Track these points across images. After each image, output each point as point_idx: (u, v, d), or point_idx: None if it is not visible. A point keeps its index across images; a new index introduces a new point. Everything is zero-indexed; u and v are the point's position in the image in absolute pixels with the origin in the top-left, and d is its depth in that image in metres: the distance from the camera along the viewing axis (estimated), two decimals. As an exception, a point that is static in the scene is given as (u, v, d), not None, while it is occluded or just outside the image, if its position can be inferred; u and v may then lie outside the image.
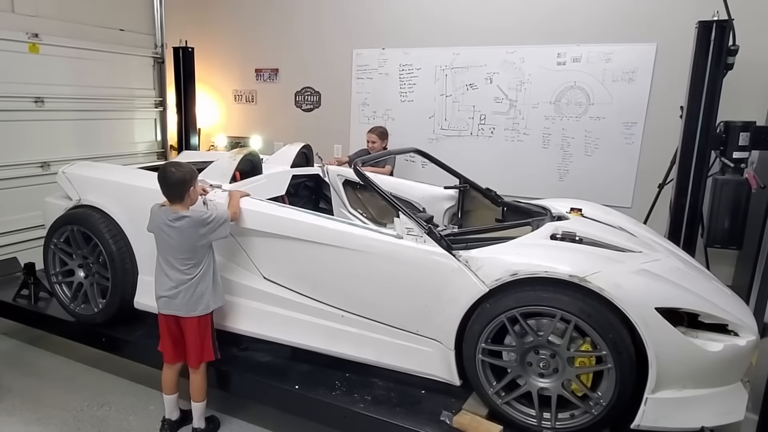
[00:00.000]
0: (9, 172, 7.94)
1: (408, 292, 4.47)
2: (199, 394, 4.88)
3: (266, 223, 4.93)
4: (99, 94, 9.23)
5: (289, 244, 4.86)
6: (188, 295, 4.57)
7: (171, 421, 5.03)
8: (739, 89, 6.87)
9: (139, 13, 10.16)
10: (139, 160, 9.80)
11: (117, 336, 5.69)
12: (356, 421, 4.46)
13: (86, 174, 5.95)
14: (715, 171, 6.36)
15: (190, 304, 4.59)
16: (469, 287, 4.17)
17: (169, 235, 4.51)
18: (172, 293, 4.58)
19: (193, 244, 4.53)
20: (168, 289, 4.59)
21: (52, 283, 6.08)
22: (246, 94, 11.25)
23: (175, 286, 4.57)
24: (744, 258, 7.18)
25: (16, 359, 6.45)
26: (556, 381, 4.08)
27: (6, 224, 7.97)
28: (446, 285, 4.30)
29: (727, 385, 3.98)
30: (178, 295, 4.57)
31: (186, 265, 4.56)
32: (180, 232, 4.48)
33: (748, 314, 4.20)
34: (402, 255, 4.44)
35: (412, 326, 4.53)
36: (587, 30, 8.08)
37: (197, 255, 4.57)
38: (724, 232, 6.25)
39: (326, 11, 10.00)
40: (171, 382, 4.95)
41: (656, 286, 3.94)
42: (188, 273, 4.56)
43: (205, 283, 4.63)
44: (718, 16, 5.94)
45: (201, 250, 4.59)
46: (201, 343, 4.73)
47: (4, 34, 7.73)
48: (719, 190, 6.19)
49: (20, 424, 5.25)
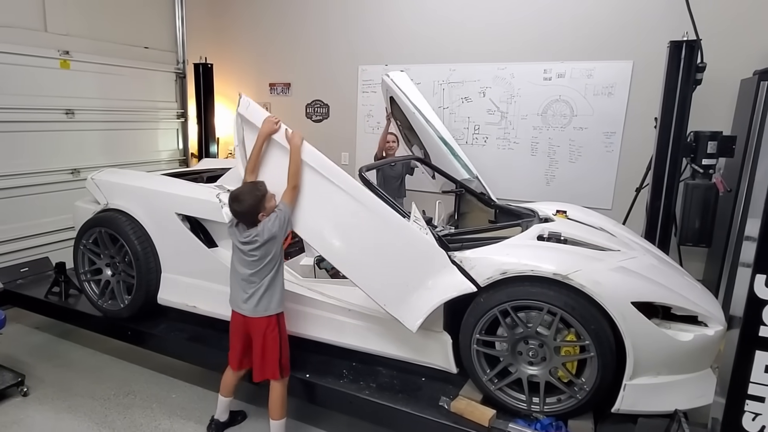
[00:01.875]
0: (42, 178, 7.96)
1: (397, 264, 4.40)
2: (275, 411, 4.52)
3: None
4: (125, 107, 9.25)
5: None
6: (257, 296, 4.33)
7: (219, 421, 4.86)
8: (707, 102, 6.94)
9: (162, 32, 10.20)
10: (163, 167, 9.85)
11: (141, 329, 5.71)
12: (362, 406, 4.49)
13: (113, 180, 5.95)
14: (687, 176, 6.38)
15: (255, 306, 4.33)
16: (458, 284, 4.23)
17: (249, 249, 4.29)
18: (243, 295, 4.37)
19: (272, 252, 4.31)
20: (241, 291, 4.39)
21: (81, 281, 6.09)
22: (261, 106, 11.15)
23: (251, 293, 4.34)
24: (713, 255, 7.23)
25: (48, 352, 6.45)
26: (544, 368, 4.12)
27: (39, 226, 7.99)
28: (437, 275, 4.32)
29: (698, 371, 4.03)
30: (247, 296, 4.35)
31: (262, 273, 4.33)
32: (259, 248, 4.26)
33: (716, 306, 4.24)
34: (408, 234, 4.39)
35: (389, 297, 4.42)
36: (571, 49, 8.10)
37: (271, 260, 4.33)
38: (695, 232, 6.28)
39: (334, 31, 10.00)
40: (230, 386, 4.76)
41: (632, 282, 3.98)
42: (264, 280, 4.32)
43: (274, 285, 4.40)
44: (688, 37, 5.98)
45: (275, 253, 4.34)
46: (265, 355, 4.41)
47: (38, 52, 7.78)
48: (690, 194, 6.21)
49: (52, 411, 5.25)
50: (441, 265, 4.31)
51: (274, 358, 4.39)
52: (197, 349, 5.44)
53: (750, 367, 2.87)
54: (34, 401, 5.42)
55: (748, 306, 2.82)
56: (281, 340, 4.44)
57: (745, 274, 2.83)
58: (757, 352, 2.85)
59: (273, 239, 4.25)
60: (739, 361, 2.90)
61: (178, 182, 5.77)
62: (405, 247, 4.35)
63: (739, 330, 2.87)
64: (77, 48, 8.39)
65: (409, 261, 4.35)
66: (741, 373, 2.91)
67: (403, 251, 4.35)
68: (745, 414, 2.94)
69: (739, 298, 2.89)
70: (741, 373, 2.91)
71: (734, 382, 2.93)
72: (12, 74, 7.48)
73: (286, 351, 4.48)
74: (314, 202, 4.45)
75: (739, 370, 2.91)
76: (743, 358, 2.88)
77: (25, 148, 7.73)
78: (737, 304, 2.90)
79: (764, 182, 2.73)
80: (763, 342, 2.82)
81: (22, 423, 5.06)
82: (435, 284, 4.25)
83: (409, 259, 4.35)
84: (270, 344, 4.37)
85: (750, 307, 2.81)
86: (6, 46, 7.38)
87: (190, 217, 5.49)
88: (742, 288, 2.87)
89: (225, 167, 6.40)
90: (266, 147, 4.53)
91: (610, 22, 7.81)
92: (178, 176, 6.18)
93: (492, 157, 8.85)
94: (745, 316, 2.83)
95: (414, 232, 4.33)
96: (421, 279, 4.30)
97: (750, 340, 2.84)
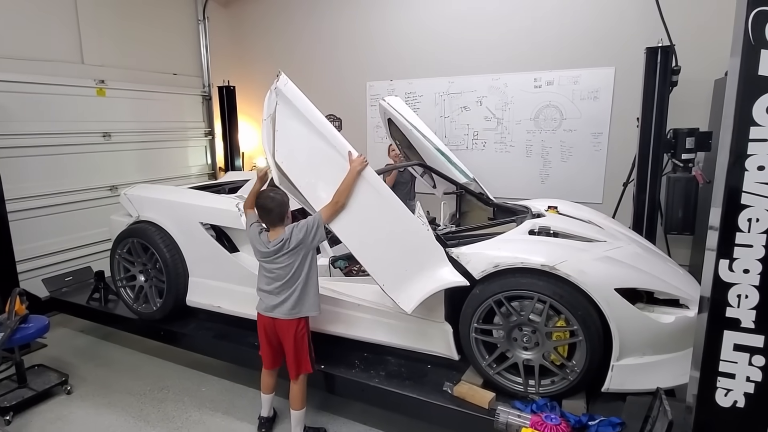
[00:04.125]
0: (83, 195, 8.05)
1: (400, 251, 4.32)
2: (297, 403, 4.49)
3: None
4: (157, 128, 9.35)
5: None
6: (290, 300, 4.24)
7: (266, 418, 4.75)
8: (684, 101, 6.92)
9: (189, 60, 10.31)
10: (193, 181, 9.90)
11: (173, 329, 5.74)
12: (372, 393, 4.49)
13: (143, 194, 6.00)
14: (668, 170, 6.38)
15: (290, 309, 4.25)
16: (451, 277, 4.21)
17: (274, 258, 4.22)
18: (275, 300, 4.27)
19: (298, 258, 4.21)
20: (272, 295, 4.28)
21: (117, 287, 6.14)
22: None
23: (278, 294, 4.26)
24: (698, 242, 7.14)
25: (90, 353, 6.49)
26: (537, 353, 4.09)
27: (81, 239, 8.07)
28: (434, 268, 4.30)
29: (681, 351, 3.97)
30: (279, 300, 4.25)
31: (289, 280, 4.24)
32: (284, 254, 4.19)
33: (697, 290, 4.16)
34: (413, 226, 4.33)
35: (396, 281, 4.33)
36: (558, 58, 8.08)
37: (300, 265, 4.22)
38: (678, 221, 6.26)
39: (342, 52, 10.05)
40: (269, 384, 4.67)
41: (615, 270, 3.95)
42: (290, 282, 4.23)
43: (306, 289, 4.29)
44: (662, 43, 5.96)
45: (302, 259, 4.23)
46: (298, 354, 4.37)
47: (76, 82, 7.89)
48: (672, 186, 6.21)
49: (92, 408, 5.27)
50: (438, 259, 4.28)
51: (305, 356, 4.38)
52: (223, 346, 5.45)
53: (719, 346, 2.83)
54: (77, 398, 5.44)
55: (714, 289, 2.78)
56: (309, 339, 4.43)
57: (711, 259, 2.79)
58: (725, 332, 2.80)
59: (301, 245, 4.16)
60: (709, 341, 2.86)
61: (201, 194, 5.83)
62: (409, 237, 4.28)
63: (708, 311, 2.82)
64: (112, 77, 8.48)
65: (411, 251, 4.29)
66: (711, 352, 2.86)
67: (406, 240, 4.29)
68: (717, 390, 2.89)
69: (707, 282, 2.85)
70: (711, 352, 2.86)
71: (706, 361, 2.89)
72: (54, 103, 7.58)
73: (311, 347, 4.46)
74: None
75: (710, 349, 2.87)
76: (713, 337, 2.84)
77: (67, 169, 7.82)
78: (706, 288, 2.86)
79: (722, 176, 2.69)
80: (730, 322, 2.78)
81: (66, 419, 5.08)
82: (431, 275, 4.21)
83: (411, 249, 4.29)
84: (300, 344, 4.34)
85: (716, 289, 2.77)
86: (48, 78, 7.49)
87: (213, 226, 5.51)
88: (708, 272, 2.83)
89: (245, 179, 6.40)
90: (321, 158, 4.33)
91: (592, 33, 7.81)
92: (202, 189, 6.21)
93: (490, 160, 8.82)
94: (712, 298, 2.79)
95: (418, 226, 4.29)
96: (419, 268, 4.25)
97: (718, 320, 2.80)
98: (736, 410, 2.88)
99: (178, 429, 4.88)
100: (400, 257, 4.27)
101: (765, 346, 2.75)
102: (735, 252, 2.70)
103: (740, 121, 2.60)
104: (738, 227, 2.67)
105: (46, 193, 7.55)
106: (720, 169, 2.72)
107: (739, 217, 2.66)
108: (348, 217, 4.20)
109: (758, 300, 2.70)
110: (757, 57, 2.51)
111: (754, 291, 2.70)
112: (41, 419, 5.09)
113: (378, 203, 4.24)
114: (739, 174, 2.63)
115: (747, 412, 2.87)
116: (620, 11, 7.59)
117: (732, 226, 2.68)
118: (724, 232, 2.70)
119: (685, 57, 6.40)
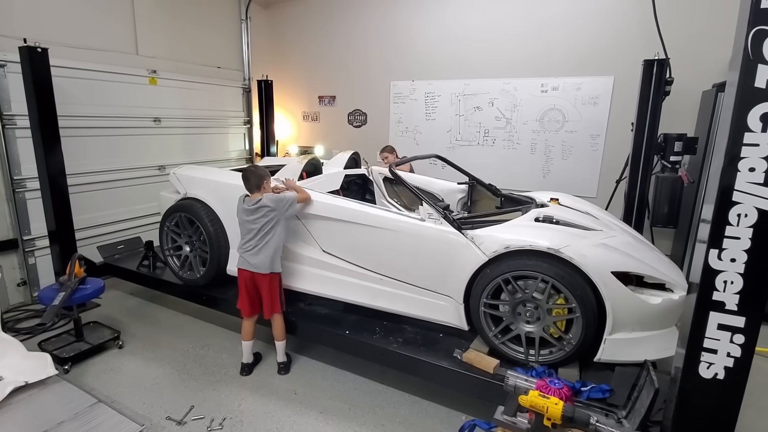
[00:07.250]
0: (135, 173, 8.13)
1: (428, 261, 4.53)
2: (279, 335, 5.07)
3: (325, 209, 5.00)
4: (201, 115, 9.41)
5: (342, 225, 4.93)
6: (267, 259, 4.75)
7: (246, 364, 5.15)
8: (674, 109, 7.00)
9: (232, 55, 10.35)
10: (232, 164, 10.06)
11: (214, 295, 5.78)
12: (391, 356, 4.54)
13: (190, 174, 6.05)
14: (657, 170, 6.38)
15: (266, 264, 4.76)
16: (474, 257, 4.25)
17: (251, 216, 4.71)
18: (252, 256, 4.77)
19: (269, 219, 4.70)
20: (250, 254, 4.78)
21: (165, 256, 6.19)
22: (312, 114, 11.30)
23: (255, 253, 4.75)
24: (679, 235, 7.24)
25: (139, 313, 6.58)
26: (538, 326, 4.12)
27: (133, 212, 8.15)
28: (457, 255, 4.37)
29: (665, 329, 4.02)
30: (257, 257, 4.75)
31: (261, 234, 4.73)
32: (258, 212, 4.68)
33: (680, 276, 4.23)
34: (424, 233, 4.51)
35: (432, 286, 4.59)
36: (563, 66, 8.09)
37: (271, 228, 4.73)
38: (664, 216, 6.27)
39: (371, 54, 10.10)
40: (249, 331, 5.09)
41: (612, 255, 3.97)
42: (262, 241, 4.75)
43: (277, 249, 4.82)
44: (658, 56, 5.95)
45: (274, 224, 4.73)
46: (272, 299, 4.90)
47: (131, 71, 7.96)
48: (660, 185, 6.22)
49: (141, 361, 5.34)
50: (460, 243, 4.35)
51: (276, 299, 4.93)
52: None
53: (705, 325, 2.87)
54: (128, 353, 5.52)
55: (703, 275, 2.82)
56: (280, 286, 4.95)
57: (702, 249, 2.84)
58: (711, 313, 2.84)
59: (272, 211, 4.69)
60: (696, 320, 2.90)
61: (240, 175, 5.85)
62: (426, 243, 4.54)
63: (696, 295, 2.87)
64: (163, 68, 8.55)
65: (433, 252, 4.51)
66: (697, 330, 2.91)
67: (425, 248, 4.55)
68: (701, 363, 2.94)
69: (696, 269, 2.89)
70: (697, 330, 2.91)
71: (692, 338, 2.94)
72: (110, 89, 7.63)
73: (282, 293, 5.00)
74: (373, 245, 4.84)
75: (696, 327, 2.91)
76: (699, 317, 2.88)
77: (120, 149, 7.89)
78: (695, 274, 2.90)
79: (716, 175, 2.73)
80: (716, 304, 2.82)
81: (118, 370, 5.16)
82: (462, 264, 4.36)
83: (433, 250, 4.51)
84: (274, 290, 4.90)
85: (705, 275, 2.81)
86: (105, 66, 7.55)
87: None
88: (699, 260, 2.87)
89: (281, 164, 6.43)
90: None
91: (594, 45, 7.84)
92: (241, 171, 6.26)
93: (499, 156, 8.85)
94: (701, 284, 2.83)
95: (428, 228, 4.54)
96: (450, 263, 4.42)
97: (705, 302, 2.84)
98: (717, 382, 2.93)
99: (218, 382, 4.94)
100: (425, 264, 4.61)
101: (746, 326, 2.80)
102: (724, 243, 2.74)
103: (736, 127, 2.63)
104: (728, 221, 2.70)
105: (102, 170, 7.63)
106: (714, 169, 2.75)
107: (729, 212, 2.69)
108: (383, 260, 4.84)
109: (742, 286, 2.75)
110: (754, 70, 2.54)
111: (739, 278, 2.74)
112: (96, 369, 5.16)
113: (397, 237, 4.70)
114: (732, 174, 2.66)
115: (726, 383, 2.92)
116: (620, 26, 7.63)
117: (723, 220, 2.71)
118: (715, 225, 2.74)
119: (679, 69, 6.42)
